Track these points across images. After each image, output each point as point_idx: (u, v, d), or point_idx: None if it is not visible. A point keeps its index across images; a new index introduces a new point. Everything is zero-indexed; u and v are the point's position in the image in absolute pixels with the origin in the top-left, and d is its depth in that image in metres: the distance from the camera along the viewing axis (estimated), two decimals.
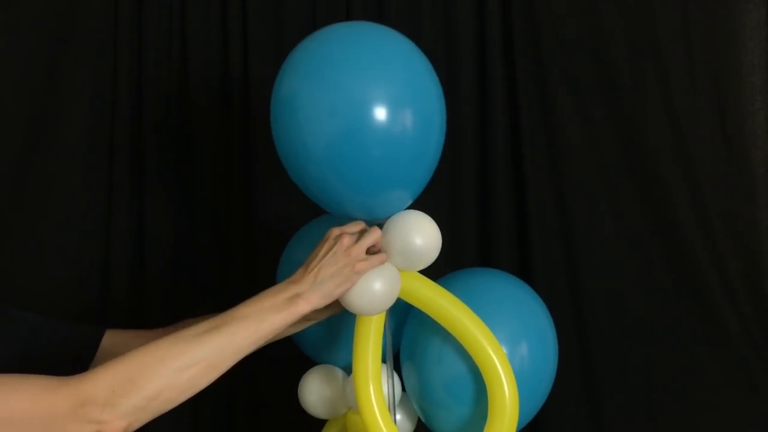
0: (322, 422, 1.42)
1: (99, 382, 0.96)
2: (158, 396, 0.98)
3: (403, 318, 1.33)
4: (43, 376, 0.98)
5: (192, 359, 0.99)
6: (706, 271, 1.74)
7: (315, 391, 1.36)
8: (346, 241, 1.10)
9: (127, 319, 1.81)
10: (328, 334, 1.36)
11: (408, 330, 1.31)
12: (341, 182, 1.12)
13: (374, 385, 1.18)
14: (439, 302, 1.20)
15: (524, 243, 1.79)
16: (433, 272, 1.24)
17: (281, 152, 1.17)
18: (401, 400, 1.37)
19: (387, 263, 1.16)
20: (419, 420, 1.37)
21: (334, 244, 1.11)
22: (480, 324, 1.19)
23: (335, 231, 1.13)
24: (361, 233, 1.15)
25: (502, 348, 1.19)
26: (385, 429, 1.18)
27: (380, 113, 1.08)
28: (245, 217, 1.84)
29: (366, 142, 1.09)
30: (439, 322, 1.21)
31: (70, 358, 1.23)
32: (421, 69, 1.17)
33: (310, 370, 1.38)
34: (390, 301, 1.16)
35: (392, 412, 1.28)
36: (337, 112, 1.08)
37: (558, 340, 1.34)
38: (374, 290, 1.12)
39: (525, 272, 1.77)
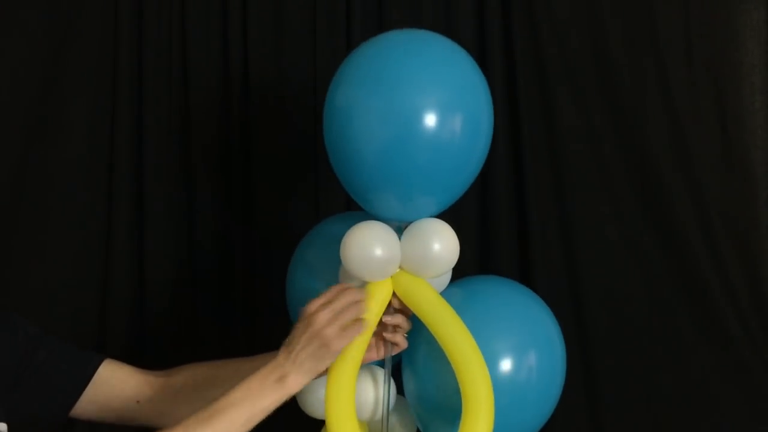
0: (321, 421, 1.41)
1: None
2: None
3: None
4: None
5: None
6: (707, 271, 1.74)
7: (312, 391, 1.33)
8: (320, 319, 1.12)
9: (127, 319, 1.82)
10: None
11: (409, 334, 1.29)
12: (390, 189, 1.16)
13: (347, 385, 1.17)
14: (437, 311, 1.19)
15: (524, 245, 1.79)
16: None
17: (333, 159, 1.20)
18: (400, 406, 1.35)
19: None
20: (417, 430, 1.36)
21: (309, 324, 1.12)
22: (470, 339, 1.17)
23: (311, 307, 1.14)
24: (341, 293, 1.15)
25: (487, 371, 1.16)
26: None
27: (430, 120, 1.12)
28: (246, 217, 1.84)
29: (414, 149, 1.12)
30: (431, 330, 1.19)
31: (64, 378, 1.23)
32: (475, 79, 1.20)
33: None
34: (382, 267, 1.17)
35: (385, 417, 1.27)
36: (389, 120, 1.12)
37: None
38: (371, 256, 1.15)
39: (525, 275, 1.76)
